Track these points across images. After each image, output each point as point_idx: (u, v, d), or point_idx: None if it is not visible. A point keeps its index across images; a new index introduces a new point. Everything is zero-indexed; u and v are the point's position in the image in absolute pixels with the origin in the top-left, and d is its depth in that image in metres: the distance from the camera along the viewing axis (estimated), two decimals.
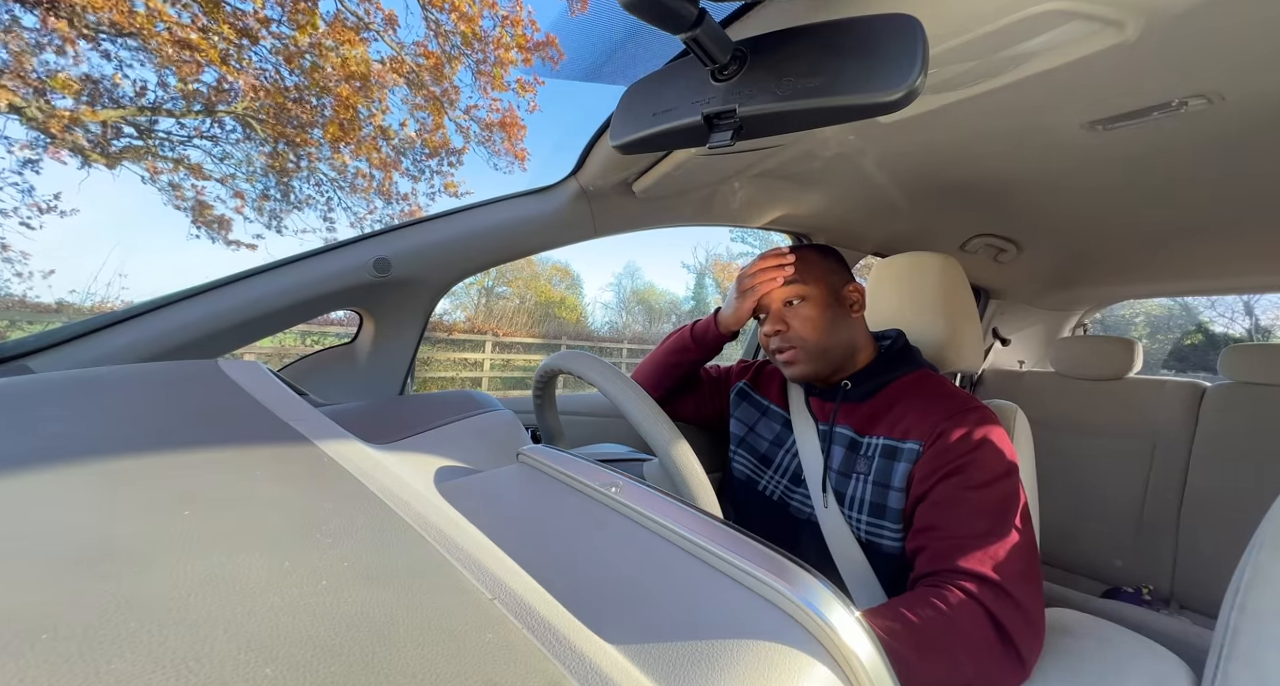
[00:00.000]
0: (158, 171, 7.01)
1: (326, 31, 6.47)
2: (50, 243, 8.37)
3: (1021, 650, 0.60)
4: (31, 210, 6.49)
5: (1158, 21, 0.54)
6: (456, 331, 10.19)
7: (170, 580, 0.27)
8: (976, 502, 0.69)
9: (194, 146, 7.13)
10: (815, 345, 0.83)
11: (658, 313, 20.85)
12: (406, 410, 0.70)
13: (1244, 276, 1.62)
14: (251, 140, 7.38)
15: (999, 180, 1.04)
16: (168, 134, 7.01)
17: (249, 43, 6.19)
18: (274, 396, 0.51)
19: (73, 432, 0.41)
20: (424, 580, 0.31)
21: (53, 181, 11.08)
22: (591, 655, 0.27)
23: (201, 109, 6.85)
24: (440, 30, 6.94)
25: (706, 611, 0.33)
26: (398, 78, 7.16)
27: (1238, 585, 0.48)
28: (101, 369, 0.60)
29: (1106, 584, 1.61)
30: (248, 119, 7.07)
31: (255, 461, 0.40)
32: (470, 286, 14.93)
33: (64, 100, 6.00)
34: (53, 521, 0.31)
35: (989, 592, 0.62)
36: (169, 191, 7.24)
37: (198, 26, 5.85)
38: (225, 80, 6.48)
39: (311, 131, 7.19)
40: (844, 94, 0.41)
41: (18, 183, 6.27)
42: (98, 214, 14.52)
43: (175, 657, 0.23)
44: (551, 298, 16.87)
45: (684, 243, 50.85)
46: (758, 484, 0.93)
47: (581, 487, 0.48)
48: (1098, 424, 1.71)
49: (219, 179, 7.40)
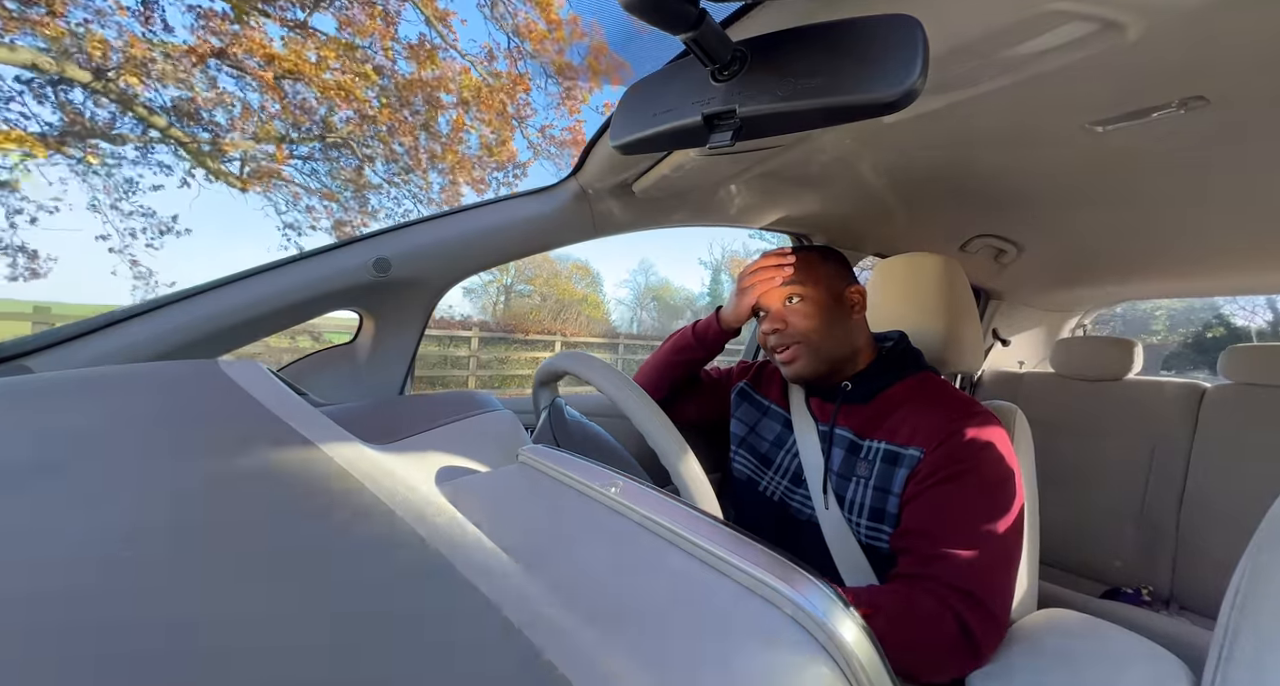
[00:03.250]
0: (298, 196, 8.71)
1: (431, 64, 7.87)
2: (172, 257, 10.23)
3: (984, 650, 0.65)
4: (154, 232, 8.00)
5: (1159, 22, 0.54)
6: (532, 332, 11.31)
7: (170, 580, 0.27)
8: (968, 510, 0.70)
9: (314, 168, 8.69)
10: (814, 342, 0.83)
11: (673, 309, 20.81)
12: (406, 410, 0.70)
13: (1245, 277, 1.62)
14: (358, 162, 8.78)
15: (999, 181, 1.04)
16: (305, 159, 8.52)
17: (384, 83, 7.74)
18: (274, 396, 0.51)
19: (72, 433, 0.41)
20: (424, 581, 0.31)
21: (169, 205, 12.86)
22: (592, 655, 0.27)
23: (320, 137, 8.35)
24: (521, 53, 8.15)
25: (707, 611, 0.33)
26: (494, 102, 8.38)
27: (1238, 586, 0.48)
28: (101, 368, 0.60)
29: (1106, 584, 1.61)
30: (350, 142, 8.41)
31: (255, 461, 0.40)
32: (490, 284, 15.11)
33: (243, 141, 7.58)
34: (52, 522, 0.31)
35: (966, 605, 0.64)
36: (304, 214, 8.72)
37: (354, 72, 7.43)
38: (364, 111, 7.98)
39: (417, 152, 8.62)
40: (844, 94, 0.40)
41: (145, 209, 7.82)
42: (209, 230, 15.80)
43: (175, 658, 0.23)
44: (574, 295, 16.89)
45: (699, 239, 51.09)
46: (758, 484, 0.93)
47: (582, 488, 0.48)
48: (1098, 424, 1.71)
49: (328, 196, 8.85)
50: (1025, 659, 0.68)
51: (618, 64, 7.61)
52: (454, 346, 9.56)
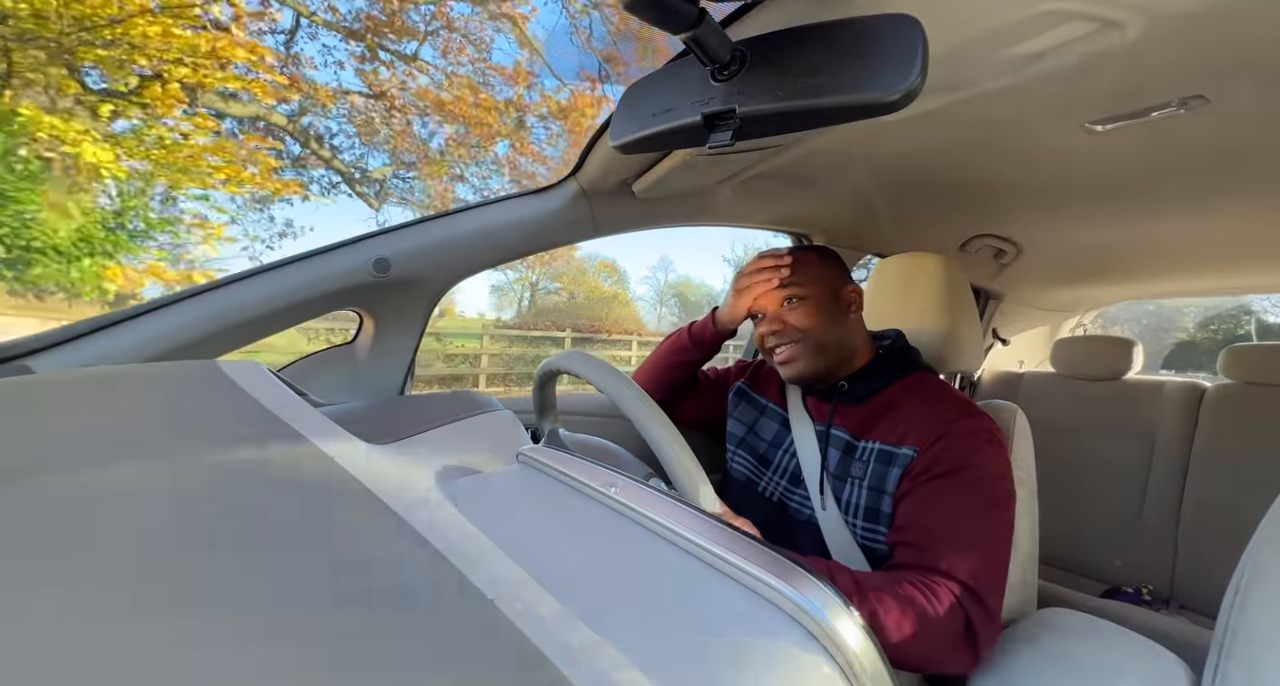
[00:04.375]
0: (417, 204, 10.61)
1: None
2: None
3: (982, 650, 0.64)
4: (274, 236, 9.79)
5: (1159, 21, 0.54)
6: (614, 333, 12.72)
7: (170, 580, 0.27)
8: (961, 507, 0.70)
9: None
10: (813, 342, 0.83)
11: (694, 306, 20.80)
12: (407, 410, 0.70)
13: (1245, 276, 1.62)
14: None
15: (999, 181, 1.04)
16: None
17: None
18: (274, 396, 0.51)
19: (73, 433, 0.41)
20: (425, 580, 0.31)
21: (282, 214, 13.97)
22: (592, 655, 0.27)
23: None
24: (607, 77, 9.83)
25: (707, 611, 0.33)
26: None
27: (1237, 585, 0.48)
28: (101, 369, 0.60)
29: (1106, 583, 1.61)
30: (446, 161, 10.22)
31: (255, 461, 0.40)
32: (515, 281, 15.33)
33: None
34: (52, 523, 0.31)
35: (967, 596, 0.64)
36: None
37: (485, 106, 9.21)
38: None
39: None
40: (844, 94, 0.40)
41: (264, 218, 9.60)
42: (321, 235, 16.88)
43: (176, 657, 0.23)
44: (604, 293, 16.89)
45: (718, 237, 51.34)
46: (757, 485, 0.93)
47: (582, 488, 0.48)
48: (1098, 424, 1.71)
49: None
50: (1025, 658, 0.68)
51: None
52: (548, 347, 10.66)
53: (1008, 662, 0.68)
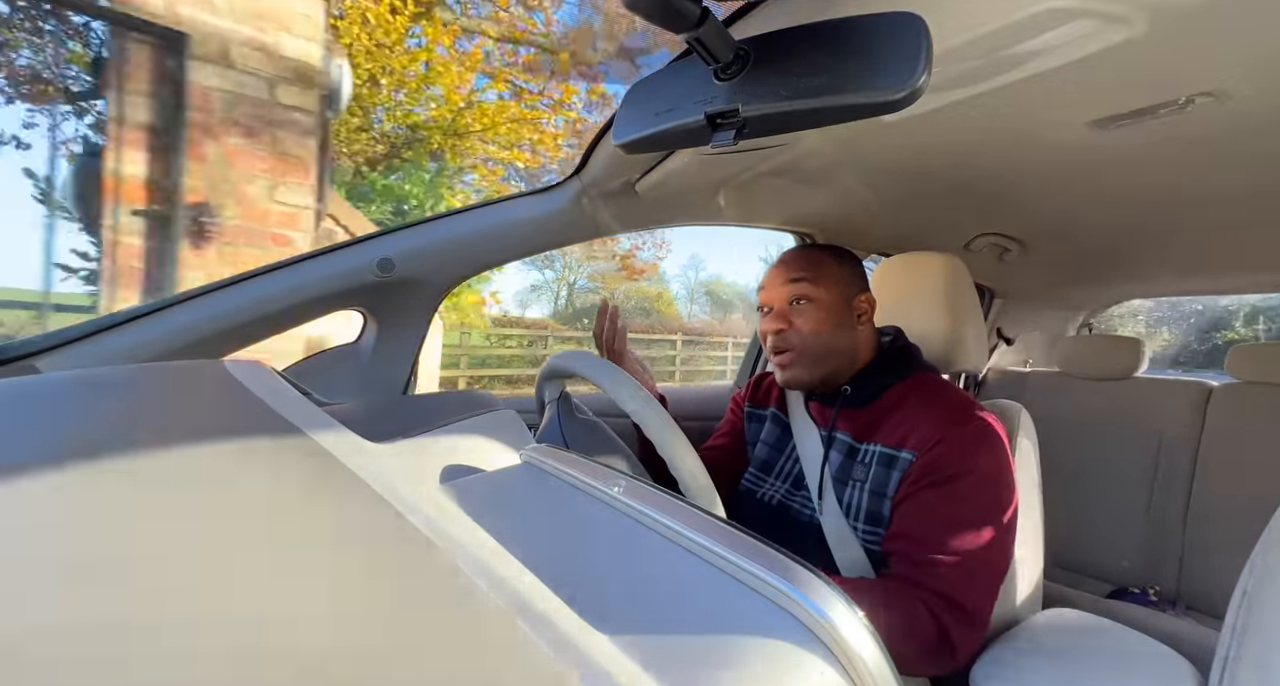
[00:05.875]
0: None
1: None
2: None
3: (959, 654, 0.66)
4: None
5: (1164, 18, 0.53)
6: (714, 335, 13.38)
7: (173, 581, 0.28)
8: (954, 515, 0.70)
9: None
10: (814, 352, 0.82)
11: (724, 303, 21.01)
12: (410, 410, 0.70)
13: (1253, 275, 1.61)
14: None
15: (1003, 179, 1.04)
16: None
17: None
18: (278, 396, 0.51)
19: (78, 433, 0.41)
20: (428, 580, 0.31)
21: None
22: (595, 654, 0.27)
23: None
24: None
25: (710, 610, 0.33)
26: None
27: (1245, 585, 0.48)
28: (107, 369, 0.60)
29: (1113, 584, 1.60)
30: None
31: (260, 461, 0.40)
32: (553, 281, 15.52)
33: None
34: (58, 522, 0.31)
35: (945, 607, 0.65)
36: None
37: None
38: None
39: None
40: (847, 93, 0.40)
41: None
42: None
43: (176, 658, 0.23)
44: (647, 293, 16.91)
45: (749, 236, 51.42)
46: (756, 492, 0.93)
47: (585, 487, 0.48)
48: (1104, 423, 1.70)
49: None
50: (1031, 658, 0.68)
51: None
52: (661, 348, 11.41)
53: (1014, 662, 0.68)
